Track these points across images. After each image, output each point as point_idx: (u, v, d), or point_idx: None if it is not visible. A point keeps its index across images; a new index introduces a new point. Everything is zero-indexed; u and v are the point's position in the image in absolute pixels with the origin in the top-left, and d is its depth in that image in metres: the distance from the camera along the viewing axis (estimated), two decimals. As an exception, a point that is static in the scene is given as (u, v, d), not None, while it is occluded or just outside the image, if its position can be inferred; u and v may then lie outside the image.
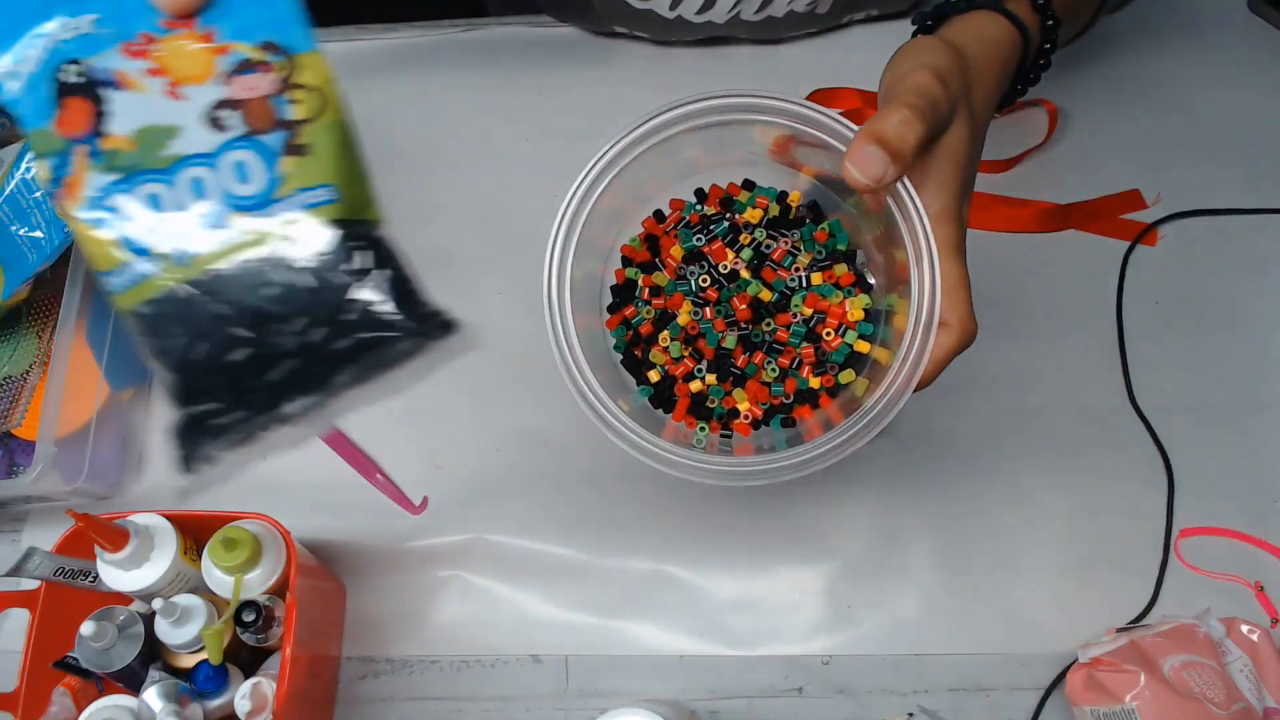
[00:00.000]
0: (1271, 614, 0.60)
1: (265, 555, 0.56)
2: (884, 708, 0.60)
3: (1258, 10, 0.76)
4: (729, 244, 0.50)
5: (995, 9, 0.49)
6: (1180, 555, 0.62)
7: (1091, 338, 0.67)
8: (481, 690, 0.62)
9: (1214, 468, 0.64)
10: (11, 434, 0.65)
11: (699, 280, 0.50)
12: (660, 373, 0.50)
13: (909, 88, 0.42)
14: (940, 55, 0.45)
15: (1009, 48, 0.50)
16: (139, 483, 0.70)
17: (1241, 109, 0.73)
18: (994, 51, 0.49)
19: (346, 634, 0.64)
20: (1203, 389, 0.66)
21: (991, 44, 0.49)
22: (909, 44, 0.47)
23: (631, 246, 0.52)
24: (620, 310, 0.51)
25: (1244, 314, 0.68)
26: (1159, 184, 0.71)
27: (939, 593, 0.62)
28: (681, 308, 0.49)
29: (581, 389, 0.44)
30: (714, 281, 0.50)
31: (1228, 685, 0.54)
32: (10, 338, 0.67)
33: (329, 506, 0.66)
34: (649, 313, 0.50)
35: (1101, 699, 0.55)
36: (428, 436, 0.68)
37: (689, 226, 0.51)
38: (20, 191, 0.62)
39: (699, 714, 0.61)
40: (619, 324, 0.51)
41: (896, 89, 0.43)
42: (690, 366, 0.49)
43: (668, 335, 0.49)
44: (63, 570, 0.55)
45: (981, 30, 0.49)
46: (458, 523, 0.66)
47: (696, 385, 0.49)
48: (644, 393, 0.50)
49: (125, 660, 0.53)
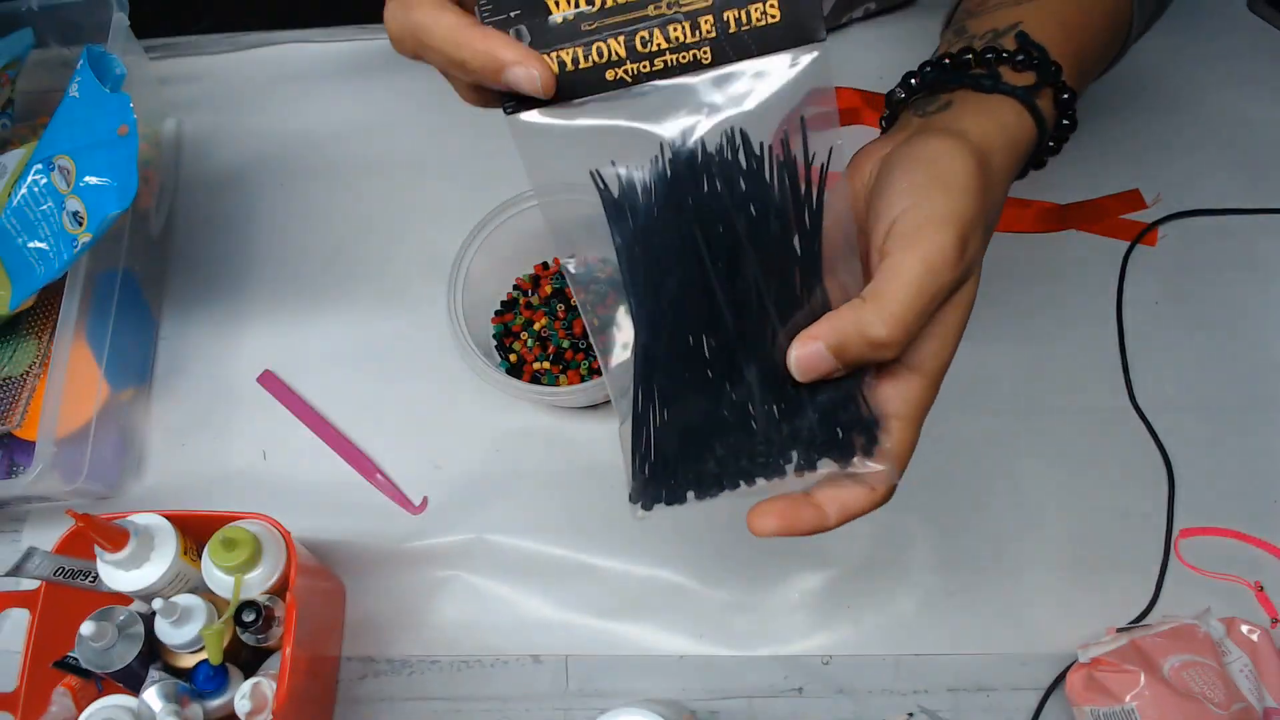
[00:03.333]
0: (1271, 614, 0.60)
1: (265, 555, 0.56)
2: (884, 708, 0.60)
3: (1258, 10, 0.76)
4: None
5: (1024, 101, 0.41)
6: (1180, 555, 0.62)
7: (1091, 338, 0.68)
8: (481, 690, 0.62)
9: (1214, 468, 0.64)
10: (11, 434, 0.65)
11: (555, 308, 0.69)
12: (516, 356, 0.68)
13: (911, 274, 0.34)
14: (967, 189, 0.36)
15: (1025, 147, 0.42)
16: (139, 483, 0.70)
17: (1241, 109, 0.73)
18: (1015, 156, 0.41)
19: (346, 634, 0.64)
20: (1203, 389, 0.66)
21: (1013, 146, 0.41)
22: (929, 144, 0.38)
23: (522, 279, 0.71)
24: (502, 316, 0.70)
25: (1244, 314, 0.68)
26: (1159, 184, 0.71)
27: (939, 593, 0.62)
28: (540, 320, 0.68)
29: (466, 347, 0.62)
30: (567, 310, 0.68)
31: (1228, 685, 0.54)
32: (10, 338, 0.67)
33: (329, 506, 0.66)
34: (520, 319, 0.69)
35: (1101, 699, 0.55)
36: (428, 436, 0.68)
37: (559, 274, 0.70)
38: (27, 203, 0.62)
39: (699, 714, 0.61)
40: (499, 323, 0.70)
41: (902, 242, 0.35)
42: (535, 354, 0.67)
43: (526, 335, 0.68)
44: (63, 570, 0.55)
45: (1005, 125, 0.41)
46: (457, 523, 0.66)
47: (538, 366, 0.67)
48: (503, 366, 0.67)
49: (125, 660, 0.53)
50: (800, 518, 0.37)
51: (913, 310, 0.34)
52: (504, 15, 0.35)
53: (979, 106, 0.41)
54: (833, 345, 0.34)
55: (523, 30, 0.34)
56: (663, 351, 0.36)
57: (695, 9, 0.34)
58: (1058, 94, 0.43)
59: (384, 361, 0.71)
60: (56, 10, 0.73)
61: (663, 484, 0.36)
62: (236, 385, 0.71)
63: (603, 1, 0.34)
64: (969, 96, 0.42)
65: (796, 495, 0.37)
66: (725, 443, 0.36)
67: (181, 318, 0.74)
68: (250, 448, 0.70)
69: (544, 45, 0.35)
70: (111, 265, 0.68)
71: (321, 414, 0.70)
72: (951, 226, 0.35)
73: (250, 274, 0.75)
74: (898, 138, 0.40)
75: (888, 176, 0.38)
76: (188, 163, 0.80)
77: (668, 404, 0.37)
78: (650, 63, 0.35)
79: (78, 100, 0.61)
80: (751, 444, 0.36)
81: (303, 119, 0.79)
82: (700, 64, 0.35)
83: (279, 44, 0.82)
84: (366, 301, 0.73)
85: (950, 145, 0.37)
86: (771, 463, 0.36)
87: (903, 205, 0.36)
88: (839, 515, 0.37)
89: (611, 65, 0.35)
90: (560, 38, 0.35)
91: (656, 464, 0.36)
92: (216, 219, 0.77)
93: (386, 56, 0.80)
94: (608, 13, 0.35)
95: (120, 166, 0.58)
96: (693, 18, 0.34)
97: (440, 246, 0.69)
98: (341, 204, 0.76)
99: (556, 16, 0.34)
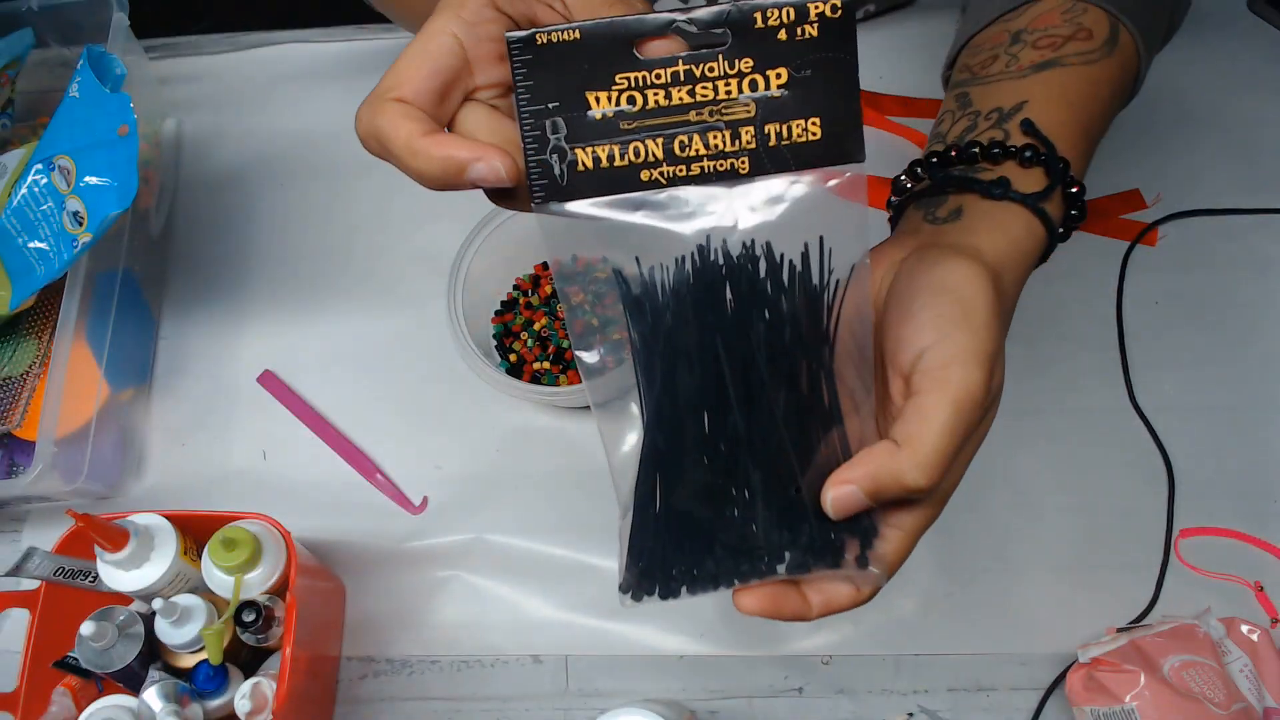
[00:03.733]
0: (1271, 614, 0.60)
1: (265, 555, 0.56)
2: (884, 708, 0.60)
3: (1258, 10, 0.76)
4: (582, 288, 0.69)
5: (1034, 210, 0.41)
6: (1180, 555, 0.62)
7: (1091, 338, 0.67)
8: (481, 690, 0.62)
9: (1214, 468, 0.64)
10: (11, 434, 0.65)
11: (555, 308, 0.69)
12: (516, 356, 0.68)
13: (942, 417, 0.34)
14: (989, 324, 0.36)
15: (1035, 258, 0.42)
16: (139, 483, 0.70)
17: (1241, 109, 0.73)
18: (1025, 270, 0.41)
19: (346, 634, 0.64)
20: (1203, 389, 0.66)
21: (1024, 260, 0.41)
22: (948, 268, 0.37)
23: (522, 279, 0.72)
24: (503, 316, 0.71)
25: (1244, 314, 0.68)
26: (1159, 184, 0.71)
27: (939, 593, 0.62)
28: (540, 320, 0.68)
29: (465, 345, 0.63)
30: None
31: (1228, 685, 0.54)
32: (10, 338, 0.67)
33: (329, 506, 0.66)
34: (520, 320, 0.69)
35: (1101, 699, 0.55)
36: (428, 436, 0.68)
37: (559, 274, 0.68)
38: (28, 203, 0.62)
39: (699, 714, 0.61)
40: (499, 323, 0.70)
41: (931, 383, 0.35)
42: (535, 354, 0.68)
43: (526, 335, 0.69)
44: (63, 570, 0.55)
45: (1016, 240, 0.41)
46: (457, 523, 0.66)
47: (538, 366, 0.67)
48: (503, 366, 0.68)
49: (125, 660, 0.53)
50: (785, 605, 0.37)
51: (945, 454, 0.34)
52: (541, 106, 0.34)
53: (990, 221, 0.41)
54: (869, 490, 0.35)
55: (559, 123, 0.34)
56: (670, 449, 0.37)
57: (737, 119, 0.34)
58: (1065, 189, 0.42)
59: (384, 361, 0.71)
60: (56, 10, 0.73)
61: (656, 579, 0.37)
62: (236, 385, 0.71)
63: (644, 103, 0.34)
64: (978, 204, 0.42)
65: (784, 582, 0.37)
66: (724, 543, 0.36)
67: (181, 318, 0.74)
68: (250, 448, 0.70)
69: (580, 140, 0.34)
70: (111, 265, 0.68)
71: (321, 414, 0.70)
72: (978, 364, 0.35)
73: (250, 274, 0.75)
74: (907, 244, 0.40)
75: (908, 299, 0.37)
76: (188, 163, 0.80)
77: (670, 499, 0.37)
78: (687, 167, 0.35)
79: (78, 100, 0.61)
80: (749, 546, 0.36)
81: (303, 119, 0.79)
82: (736, 173, 0.35)
83: (278, 44, 0.82)
84: (366, 301, 0.73)
85: (969, 272, 0.37)
86: (768, 566, 0.36)
87: (927, 340, 0.35)
88: (821, 608, 0.38)
89: (647, 166, 0.35)
90: (597, 134, 0.34)
91: (653, 558, 0.37)
92: (216, 219, 0.77)
93: (386, 56, 0.80)
94: (648, 114, 0.34)
95: (120, 166, 0.58)
96: (734, 127, 0.34)
97: (440, 246, 0.69)
98: (341, 204, 0.77)
99: (595, 113, 0.34)
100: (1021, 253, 0.41)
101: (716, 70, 0.34)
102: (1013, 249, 0.40)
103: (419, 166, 0.34)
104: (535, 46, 0.34)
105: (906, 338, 0.36)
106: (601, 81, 0.34)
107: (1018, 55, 0.46)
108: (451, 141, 0.34)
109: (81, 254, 0.60)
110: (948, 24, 0.75)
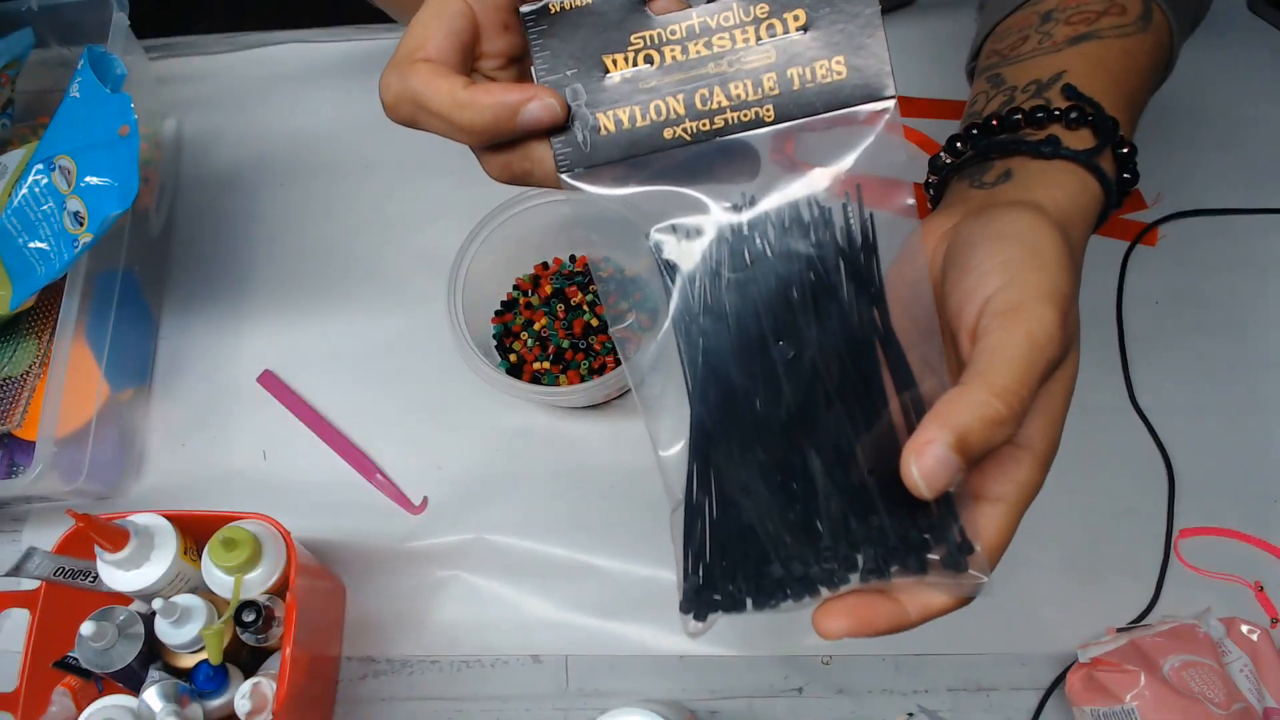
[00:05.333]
0: (1271, 614, 0.60)
1: (265, 555, 0.56)
2: (884, 708, 0.60)
3: (1258, 10, 0.76)
4: (581, 288, 0.69)
5: (1089, 167, 0.38)
6: (1180, 555, 0.62)
7: (1091, 338, 0.67)
8: (481, 690, 0.62)
9: (1214, 468, 0.64)
10: (11, 434, 0.65)
11: (555, 308, 0.68)
12: (516, 356, 0.68)
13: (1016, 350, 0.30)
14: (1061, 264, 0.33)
15: (1095, 216, 0.39)
16: (139, 483, 0.70)
17: (1241, 109, 0.73)
18: (1088, 227, 0.38)
19: (346, 634, 0.64)
20: (1203, 389, 0.66)
21: (1086, 217, 0.38)
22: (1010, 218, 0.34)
23: (522, 279, 0.71)
24: (503, 316, 0.70)
25: (1244, 314, 0.68)
26: (1159, 184, 0.71)
27: (939, 593, 0.62)
28: (540, 320, 0.68)
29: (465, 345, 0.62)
30: (567, 310, 0.68)
31: (1228, 685, 0.54)
32: (10, 338, 0.67)
33: (329, 506, 0.66)
34: (520, 320, 0.69)
35: (1101, 699, 0.55)
36: (428, 436, 0.68)
37: (559, 274, 0.71)
38: (28, 203, 0.62)
39: (699, 714, 0.61)
40: (499, 323, 0.70)
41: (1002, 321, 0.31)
42: (535, 354, 0.67)
43: (526, 335, 0.68)
44: (63, 570, 0.55)
45: (1074, 195, 0.38)
46: (457, 523, 0.66)
47: (538, 366, 0.67)
48: (503, 366, 0.67)
49: (125, 660, 0.53)
50: (876, 614, 0.32)
51: (1025, 384, 0.30)
52: (559, 74, 0.34)
53: (1045, 178, 0.38)
54: (954, 441, 0.29)
55: (578, 90, 0.34)
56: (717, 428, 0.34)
57: (757, 67, 0.34)
58: (1116, 150, 0.39)
59: (384, 361, 0.71)
60: (56, 10, 0.73)
61: (719, 589, 0.33)
62: (236, 385, 0.71)
63: (661, 60, 0.34)
64: (1028, 164, 0.39)
65: (869, 590, 0.32)
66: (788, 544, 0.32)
67: (181, 318, 0.74)
68: (250, 448, 0.70)
69: (600, 105, 0.34)
70: (111, 265, 0.68)
71: (321, 414, 0.70)
72: (1052, 302, 0.31)
73: (250, 274, 0.75)
74: (956, 212, 0.37)
75: (968, 253, 0.34)
76: (188, 163, 0.80)
77: (724, 494, 0.33)
78: (710, 120, 0.34)
79: (78, 100, 0.61)
80: (817, 547, 0.32)
81: (302, 119, 0.79)
82: (763, 122, 0.34)
83: (278, 44, 0.82)
84: (366, 301, 0.73)
85: (1034, 219, 0.34)
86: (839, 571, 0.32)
87: (996, 284, 0.32)
88: (921, 614, 0.33)
89: (670, 124, 0.34)
90: (617, 97, 0.34)
91: (713, 565, 0.33)
92: (216, 219, 0.77)
93: (386, 56, 0.80)
94: (667, 70, 0.34)
95: (121, 167, 0.58)
96: (755, 75, 0.34)
97: (440, 246, 0.69)
98: (341, 204, 0.77)
99: (614, 75, 0.34)
100: (1081, 209, 0.37)
101: (732, 19, 0.34)
102: (1071, 204, 0.37)
103: (469, 118, 0.33)
104: (549, 16, 0.34)
105: (970, 288, 0.33)
106: (617, 44, 0.34)
107: (1050, 32, 0.44)
108: (499, 87, 0.33)
109: (82, 254, 0.60)
110: (948, 24, 0.75)
